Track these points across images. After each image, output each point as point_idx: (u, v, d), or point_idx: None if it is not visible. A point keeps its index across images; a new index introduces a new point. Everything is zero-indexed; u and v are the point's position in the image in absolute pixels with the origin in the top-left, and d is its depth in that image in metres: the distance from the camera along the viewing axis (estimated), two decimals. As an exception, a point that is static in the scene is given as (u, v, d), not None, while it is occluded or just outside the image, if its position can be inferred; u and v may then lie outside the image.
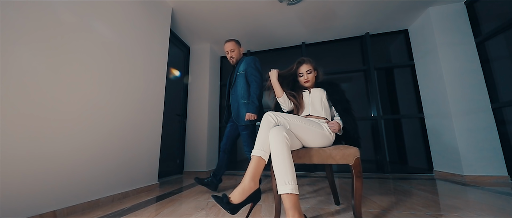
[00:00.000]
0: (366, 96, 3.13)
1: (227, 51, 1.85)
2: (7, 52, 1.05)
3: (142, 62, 1.97)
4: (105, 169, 1.55)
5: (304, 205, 1.41)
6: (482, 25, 2.36)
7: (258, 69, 1.77)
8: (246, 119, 1.63)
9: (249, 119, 1.63)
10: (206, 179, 1.79)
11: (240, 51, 1.89)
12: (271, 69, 1.38)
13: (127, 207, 1.41)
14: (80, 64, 1.42)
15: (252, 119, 1.62)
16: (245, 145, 1.74)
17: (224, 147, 1.83)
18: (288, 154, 0.90)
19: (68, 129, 1.31)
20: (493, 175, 2.13)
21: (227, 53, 1.86)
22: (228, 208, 0.82)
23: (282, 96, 1.32)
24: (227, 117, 1.91)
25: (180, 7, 2.50)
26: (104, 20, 1.62)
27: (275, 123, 1.02)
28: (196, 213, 1.26)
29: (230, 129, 1.85)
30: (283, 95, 1.32)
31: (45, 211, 1.16)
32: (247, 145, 1.72)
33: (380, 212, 1.22)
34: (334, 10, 2.62)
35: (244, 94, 1.72)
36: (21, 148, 1.08)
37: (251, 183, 0.89)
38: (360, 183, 0.96)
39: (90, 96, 1.47)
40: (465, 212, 1.20)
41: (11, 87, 1.06)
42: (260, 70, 1.79)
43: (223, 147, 1.83)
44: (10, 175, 1.03)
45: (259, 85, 1.71)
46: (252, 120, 1.67)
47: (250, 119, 1.63)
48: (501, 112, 2.18)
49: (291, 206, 0.82)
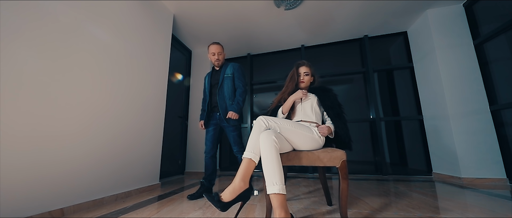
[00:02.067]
0: (365, 98, 3.15)
1: (215, 53, 1.85)
2: (18, 61, 1.15)
3: (144, 67, 2.06)
4: (109, 170, 1.63)
5: (297, 205, 1.46)
6: (480, 27, 2.35)
7: (245, 76, 1.94)
8: (227, 116, 1.73)
9: (230, 117, 1.72)
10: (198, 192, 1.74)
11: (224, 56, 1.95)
12: (299, 90, 1.35)
13: (129, 206, 1.49)
14: (87, 69, 1.51)
15: (235, 118, 1.72)
16: (235, 146, 1.79)
17: (212, 152, 1.81)
18: (277, 156, 0.96)
19: (74, 132, 1.40)
20: (491, 178, 2.12)
21: (214, 55, 1.85)
22: (218, 206, 0.88)
23: (286, 113, 1.37)
24: (207, 119, 1.85)
25: (182, 13, 2.59)
26: (108, 27, 1.71)
27: (266, 127, 1.07)
28: (193, 212, 1.32)
29: (213, 132, 1.83)
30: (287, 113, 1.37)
31: (54, 209, 1.25)
32: (237, 145, 1.78)
33: (370, 213, 1.26)
34: (332, 13, 2.66)
35: (232, 96, 1.81)
36: (31, 152, 1.17)
37: (241, 183, 0.95)
38: (346, 184, 1.00)
39: (95, 100, 1.56)
40: (454, 213, 1.23)
41: (21, 93, 1.15)
42: (245, 76, 1.97)
43: (210, 153, 1.80)
44: (22, 177, 1.12)
45: (245, 90, 1.85)
46: (239, 121, 1.78)
47: (231, 118, 1.72)
48: (499, 114, 2.17)
49: (278, 205, 0.87)
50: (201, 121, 1.89)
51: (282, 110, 1.38)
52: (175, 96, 3.04)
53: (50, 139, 1.26)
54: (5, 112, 1.07)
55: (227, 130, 1.79)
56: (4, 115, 1.07)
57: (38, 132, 1.21)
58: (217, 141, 1.86)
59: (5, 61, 1.09)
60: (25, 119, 1.15)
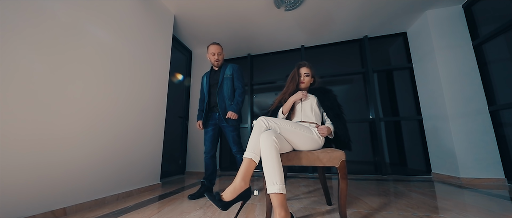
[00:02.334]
0: (365, 98, 3.17)
1: (214, 53, 1.86)
2: (20, 62, 1.16)
3: (145, 68, 2.08)
4: (110, 170, 1.65)
5: (297, 205, 1.47)
6: (479, 28, 2.37)
7: (243, 77, 1.97)
8: (227, 116, 1.76)
9: (230, 117, 1.75)
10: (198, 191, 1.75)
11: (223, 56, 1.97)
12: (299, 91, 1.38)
13: (131, 205, 1.51)
14: (90, 70, 1.52)
15: (234, 118, 1.76)
16: (234, 146, 1.81)
17: (212, 152, 1.83)
18: (277, 157, 0.97)
19: (77, 133, 1.42)
20: (490, 178, 2.13)
21: (214, 55, 1.85)
22: (220, 205, 0.90)
23: (286, 113, 1.39)
24: (205, 119, 1.85)
25: (182, 13, 2.60)
26: (110, 27, 1.72)
27: (266, 128, 1.09)
28: (194, 212, 1.34)
29: (213, 133, 1.84)
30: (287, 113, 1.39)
31: (56, 208, 1.27)
32: (236, 145, 1.80)
33: (369, 212, 1.27)
34: (331, 14, 2.67)
35: (231, 96, 1.84)
36: (34, 153, 1.19)
37: (242, 183, 0.97)
38: (345, 184, 1.02)
39: (98, 100, 1.57)
40: (452, 213, 1.24)
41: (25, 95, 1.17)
42: (244, 77, 2.02)
43: (210, 153, 1.82)
44: (25, 177, 1.14)
45: (244, 90, 1.89)
46: (238, 121, 1.81)
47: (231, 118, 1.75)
48: (498, 114, 2.18)
49: (278, 204, 0.89)
50: (199, 121, 1.89)
51: (282, 110, 1.40)
52: (176, 96, 3.06)
53: (53, 140, 1.28)
54: (9, 114, 1.09)
55: (227, 130, 1.80)
56: (8, 117, 1.08)
57: (40, 134, 1.22)
58: (216, 141, 1.87)
59: (7, 62, 1.10)
60: (27, 121, 1.17)
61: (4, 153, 1.06)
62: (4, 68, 1.08)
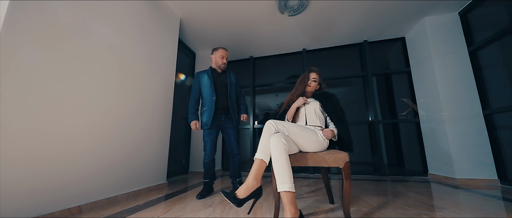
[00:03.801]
0: (364, 101, 3.26)
1: (224, 56, 1.94)
2: (32, 63, 1.22)
3: (153, 70, 2.14)
4: (121, 170, 1.71)
5: (301, 203, 1.54)
6: (474, 35, 2.47)
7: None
8: (242, 119, 2.04)
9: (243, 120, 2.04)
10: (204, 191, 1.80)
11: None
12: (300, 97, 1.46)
13: (142, 204, 1.57)
14: (101, 72, 1.58)
15: (246, 120, 2.06)
16: (235, 146, 1.92)
17: (213, 156, 1.87)
18: (286, 157, 1.04)
19: (90, 136, 1.47)
20: (484, 178, 2.23)
21: (223, 58, 1.94)
22: (235, 202, 0.97)
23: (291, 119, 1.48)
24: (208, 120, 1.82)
25: (188, 17, 2.67)
26: (119, 30, 1.78)
27: (276, 130, 1.16)
28: (204, 209, 1.40)
29: (216, 134, 1.87)
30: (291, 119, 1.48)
31: (72, 206, 1.32)
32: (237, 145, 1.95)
33: (369, 210, 1.35)
34: (333, 19, 2.75)
35: (234, 100, 2.02)
36: (51, 156, 1.24)
37: (254, 182, 1.04)
38: (348, 184, 1.09)
39: (110, 103, 1.63)
40: (447, 211, 1.32)
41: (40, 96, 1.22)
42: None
43: (211, 156, 1.85)
44: (44, 176, 1.20)
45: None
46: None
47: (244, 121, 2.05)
48: (492, 118, 2.28)
49: (288, 202, 0.96)
50: (195, 121, 1.86)
51: (286, 117, 1.48)
52: (179, 97, 3.11)
53: (72, 145, 1.34)
54: (23, 115, 1.14)
55: (231, 131, 1.91)
56: (25, 119, 1.14)
57: (55, 137, 1.27)
58: (216, 144, 1.92)
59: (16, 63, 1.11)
60: (41, 124, 1.22)
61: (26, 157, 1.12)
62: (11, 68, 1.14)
